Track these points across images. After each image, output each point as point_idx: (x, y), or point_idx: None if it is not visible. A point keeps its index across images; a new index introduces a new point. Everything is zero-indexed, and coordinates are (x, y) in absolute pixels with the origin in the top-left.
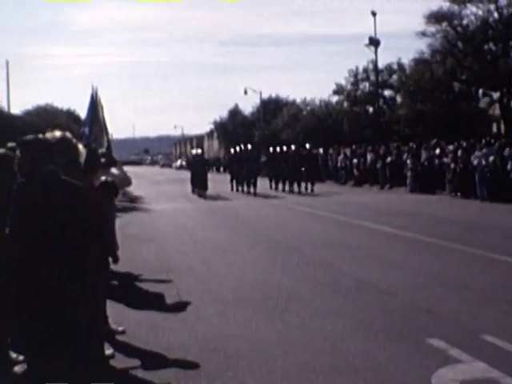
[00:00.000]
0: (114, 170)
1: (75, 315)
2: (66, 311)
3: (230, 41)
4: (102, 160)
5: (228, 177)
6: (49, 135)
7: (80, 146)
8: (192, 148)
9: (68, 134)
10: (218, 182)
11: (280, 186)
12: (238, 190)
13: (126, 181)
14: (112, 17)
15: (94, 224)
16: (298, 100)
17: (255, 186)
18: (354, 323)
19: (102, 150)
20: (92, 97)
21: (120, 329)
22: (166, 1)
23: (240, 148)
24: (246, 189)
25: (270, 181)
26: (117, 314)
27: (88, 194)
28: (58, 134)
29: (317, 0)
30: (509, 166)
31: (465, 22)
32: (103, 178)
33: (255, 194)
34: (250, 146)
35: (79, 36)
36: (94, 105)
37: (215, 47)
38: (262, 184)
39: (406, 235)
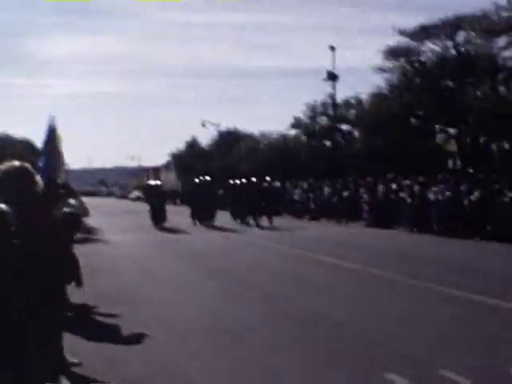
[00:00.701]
0: (72, 201)
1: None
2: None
3: (188, 73)
4: (61, 191)
5: (186, 209)
6: (7, 165)
7: (38, 177)
8: (148, 179)
9: (26, 164)
10: (177, 214)
11: (241, 219)
12: (195, 224)
13: (85, 212)
14: (71, 49)
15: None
16: (256, 133)
17: (213, 218)
18: (309, 356)
19: (61, 181)
20: (49, 127)
21: (75, 361)
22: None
23: (199, 180)
24: (204, 222)
25: (232, 214)
26: (72, 345)
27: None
28: (16, 163)
29: (275, 34)
30: (465, 202)
31: (422, 58)
32: (65, 209)
33: (213, 226)
34: (208, 178)
35: (40, 67)
36: (52, 135)
37: (173, 79)
38: (223, 217)
39: (360, 268)
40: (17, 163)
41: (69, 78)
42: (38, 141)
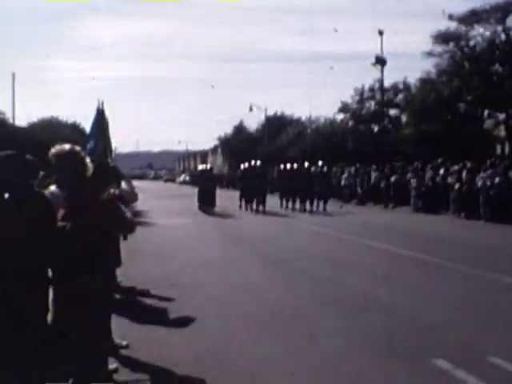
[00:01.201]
0: (123, 185)
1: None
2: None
3: (235, 57)
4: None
5: (236, 193)
6: (58, 148)
7: (88, 160)
8: (197, 163)
9: (77, 148)
10: (225, 198)
11: (290, 204)
12: (246, 209)
13: (134, 196)
14: (119, 32)
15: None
16: (303, 118)
17: (264, 203)
18: (358, 342)
19: (111, 165)
20: (98, 111)
21: (124, 343)
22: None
23: (249, 164)
24: (254, 207)
25: (281, 199)
26: (120, 328)
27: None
28: (66, 147)
29: (323, 18)
30: None
31: (472, 42)
32: (111, 191)
33: (264, 212)
34: (259, 162)
35: (86, 50)
36: (101, 119)
37: (221, 63)
38: (273, 202)
39: (409, 254)
40: (67, 146)
41: (118, 61)
42: (87, 124)
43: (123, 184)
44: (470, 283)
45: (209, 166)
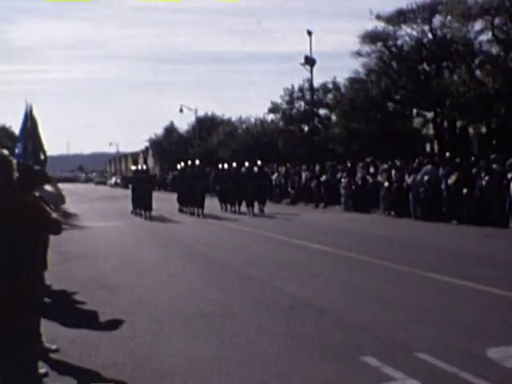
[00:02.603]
0: (48, 188)
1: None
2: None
3: (165, 58)
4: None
5: (169, 196)
6: None
7: (14, 164)
8: (128, 165)
9: (5, 152)
10: (159, 200)
11: (229, 206)
12: (181, 211)
13: (61, 198)
14: (48, 35)
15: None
16: (234, 118)
17: (202, 206)
18: (288, 341)
19: (37, 168)
20: (26, 113)
21: (53, 347)
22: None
23: (185, 164)
24: (192, 209)
25: (220, 201)
26: (50, 331)
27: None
28: None
29: (253, 19)
30: (442, 186)
31: (399, 42)
32: (37, 193)
33: (203, 216)
34: (198, 162)
35: (15, 53)
36: (29, 121)
37: (151, 65)
38: (212, 204)
39: (340, 253)
40: None
41: (45, 64)
42: (16, 127)
43: (49, 187)
44: (400, 281)
45: (144, 167)
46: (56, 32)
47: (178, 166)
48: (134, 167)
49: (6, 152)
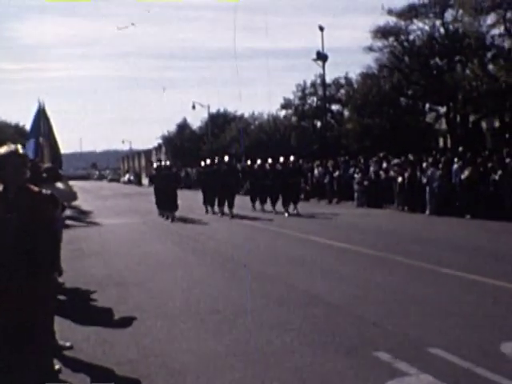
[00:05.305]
0: (59, 185)
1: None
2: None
3: (178, 55)
4: (44, 175)
5: (185, 194)
6: (3, 148)
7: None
8: (141, 162)
9: (20, 148)
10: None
11: (258, 205)
12: (207, 211)
13: (72, 196)
14: (58, 32)
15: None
16: (246, 114)
17: (232, 206)
18: (301, 337)
19: (48, 165)
20: (38, 111)
21: (67, 344)
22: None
23: (212, 161)
24: (219, 209)
25: (251, 200)
26: (64, 329)
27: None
28: (11, 147)
29: (265, 15)
30: (456, 181)
31: (411, 37)
32: (45, 191)
33: (232, 216)
34: (226, 158)
35: (26, 51)
36: (40, 119)
37: (164, 62)
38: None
39: (354, 249)
40: (12, 146)
41: (57, 61)
42: (28, 126)
43: (60, 184)
44: (414, 276)
45: (167, 163)
46: (67, 30)
47: (202, 163)
48: (155, 164)
49: (20, 148)
